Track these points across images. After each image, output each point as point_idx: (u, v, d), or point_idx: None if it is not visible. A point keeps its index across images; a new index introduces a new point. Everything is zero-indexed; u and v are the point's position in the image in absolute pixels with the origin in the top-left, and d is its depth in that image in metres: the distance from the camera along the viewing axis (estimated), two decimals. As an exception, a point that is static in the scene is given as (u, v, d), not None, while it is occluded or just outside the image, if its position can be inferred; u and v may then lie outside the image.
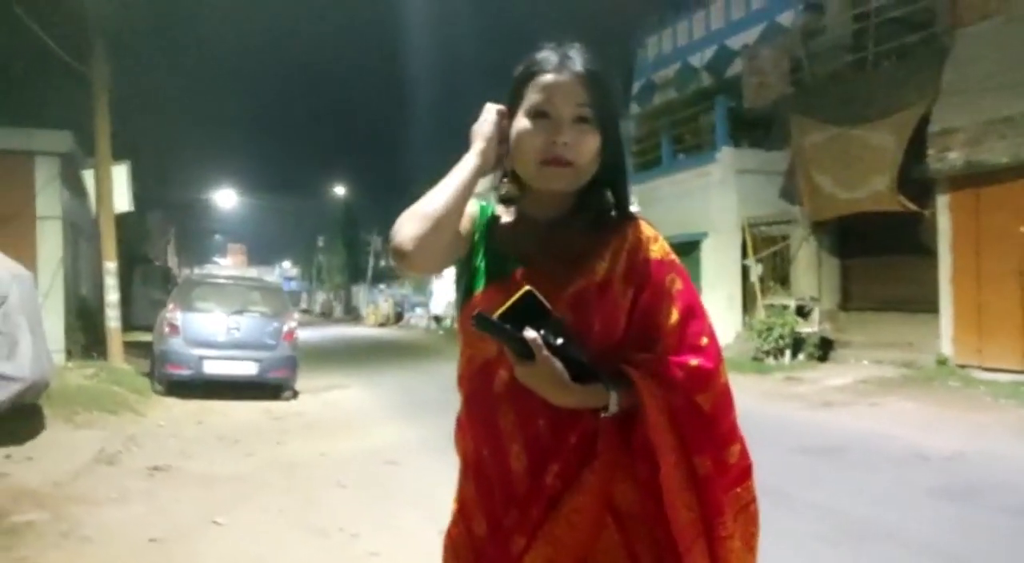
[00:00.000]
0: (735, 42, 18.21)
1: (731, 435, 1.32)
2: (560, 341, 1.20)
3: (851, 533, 4.25)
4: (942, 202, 11.00)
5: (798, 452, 6.25)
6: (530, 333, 1.17)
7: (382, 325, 37.20)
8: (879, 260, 12.95)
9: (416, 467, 6.15)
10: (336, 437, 7.56)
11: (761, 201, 14.31)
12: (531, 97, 1.30)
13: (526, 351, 1.18)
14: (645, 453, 1.26)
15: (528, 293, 1.19)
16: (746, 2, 18.46)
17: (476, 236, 1.39)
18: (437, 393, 11.00)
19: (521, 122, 1.30)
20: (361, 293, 49.29)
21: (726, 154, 14.80)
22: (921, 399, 8.86)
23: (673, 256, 1.38)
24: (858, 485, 5.34)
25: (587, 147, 1.29)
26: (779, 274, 14.21)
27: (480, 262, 1.36)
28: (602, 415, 1.25)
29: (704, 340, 1.31)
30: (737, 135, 15.66)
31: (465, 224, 1.36)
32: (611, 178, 1.37)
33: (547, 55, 1.32)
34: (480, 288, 1.34)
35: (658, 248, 1.36)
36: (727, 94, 15.89)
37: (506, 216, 1.42)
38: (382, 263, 52.35)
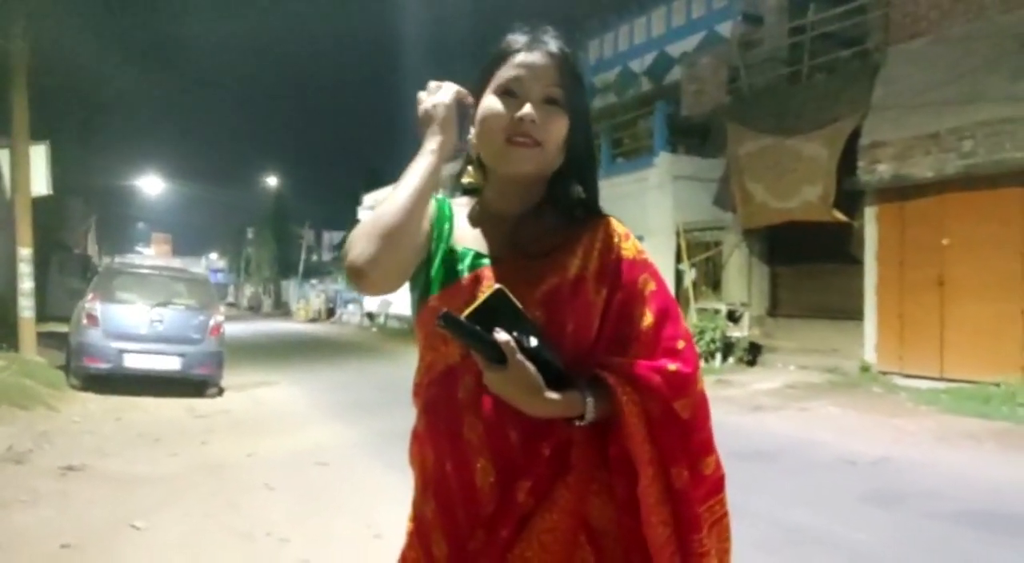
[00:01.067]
0: (675, 49, 18.51)
1: (708, 444, 1.26)
2: (534, 343, 1.10)
3: (788, 540, 4.29)
4: (870, 213, 11.35)
5: (732, 457, 6.26)
6: (502, 335, 1.08)
7: (313, 321, 36.55)
8: (807, 268, 13.30)
9: (348, 469, 5.98)
10: (264, 437, 7.31)
11: (696, 207, 14.54)
12: (500, 75, 1.23)
13: (497, 355, 1.08)
14: (621, 465, 1.18)
15: (499, 291, 1.10)
16: (687, 10, 18.78)
17: (435, 234, 1.27)
18: (370, 392, 10.80)
19: (488, 100, 1.23)
20: (291, 287, 48.38)
21: (663, 160, 14.99)
22: (846, 404, 9.10)
23: (645, 255, 1.30)
24: (792, 490, 5.41)
25: (555, 129, 1.22)
26: (711, 279, 14.46)
27: (440, 260, 1.25)
28: (577, 424, 1.16)
29: (681, 344, 1.24)
30: (674, 141, 15.90)
31: (423, 224, 1.24)
32: (579, 168, 1.29)
33: (519, 35, 1.26)
34: (440, 287, 1.23)
35: (630, 246, 1.28)
36: (666, 100, 16.11)
37: (467, 209, 1.33)
38: (314, 257, 51.49)
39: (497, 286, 1.11)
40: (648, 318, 1.23)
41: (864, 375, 10.85)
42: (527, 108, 1.20)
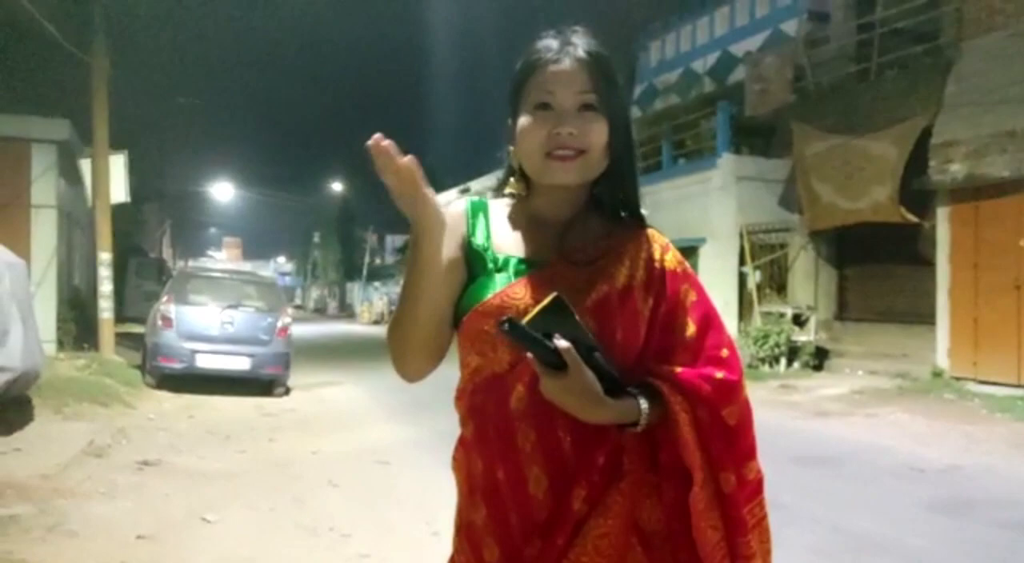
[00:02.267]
0: (738, 49, 18.19)
1: (752, 450, 1.27)
2: (591, 351, 1.11)
3: (848, 546, 4.21)
4: (942, 214, 10.98)
5: (794, 462, 6.20)
6: (562, 342, 1.07)
7: (376, 323, 37.10)
8: (876, 270, 12.94)
9: (408, 467, 6.09)
10: (328, 435, 7.49)
11: (760, 208, 14.28)
12: (533, 90, 1.22)
13: (557, 361, 1.08)
14: (670, 471, 1.20)
15: (558, 298, 1.09)
16: (750, 9, 18.46)
17: (473, 240, 1.26)
18: (429, 392, 10.89)
19: (523, 119, 1.22)
20: (356, 290, 49.18)
21: (727, 160, 14.77)
22: (916, 411, 8.83)
23: (686, 265, 1.31)
24: (854, 497, 5.30)
25: (595, 135, 1.20)
26: (776, 282, 14.18)
27: (482, 264, 1.24)
28: (631, 430, 1.17)
29: (725, 352, 1.25)
30: (738, 142, 15.63)
31: (455, 228, 1.24)
32: (621, 171, 1.27)
33: (547, 43, 1.24)
34: (489, 291, 1.21)
35: (671, 258, 1.29)
36: (729, 100, 15.86)
37: (508, 213, 1.31)
38: (377, 260, 52.27)
39: (555, 293, 1.10)
40: (691, 328, 1.24)
41: (936, 381, 10.50)
42: (566, 124, 1.18)
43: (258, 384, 10.06)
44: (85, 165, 11.65)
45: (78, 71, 11.23)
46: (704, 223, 14.34)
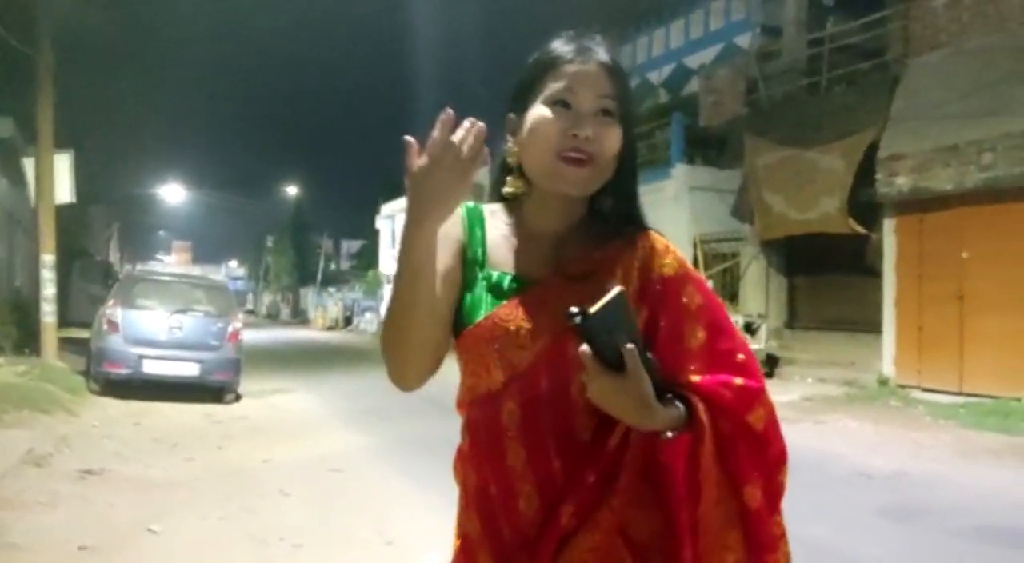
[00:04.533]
0: (693, 61, 18.50)
1: (784, 455, 1.21)
2: (647, 353, 1.04)
3: (800, 554, 4.24)
4: (888, 225, 11.29)
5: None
6: (628, 343, 1.01)
7: (330, 329, 36.73)
8: (825, 280, 13.24)
9: (362, 476, 6.02)
10: (280, 443, 7.36)
11: (712, 218, 14.51)
12: (551, 86, 1.17)
13: (617, 362, 1.02)
14: (673, 486, 1.12)
15: (621, 295, 1.02)
16: (705, 22, 18.79)
17: (469, 250, 1.23)
18: (384, 400, 10.82)
19: (539, 109, 1.16)
20: (310, 296, 48.63)
21: (680, 171, 14.99)
22: (864, 418, 9.03)
23: (688, 267, 1.24)
24: (805, 504, 5.34)
25: (610, 142, 1.16)
26: (728, 291, 14.40)
27: (476, 287, 1.20)
28: (667, 436, 1.10)
29: (741, 356, 1.19)
30: (691, 152, 15.89)
31: (452, 232, 1.21)
32: (625, 181, 1.23)
33: (567, 43, 1.20)
34: (482, 314, 1.18)
35: (671, 261, 1.22)
36: (683, 111, 16.11)
37: (502, 223, 1.25)
38: (332, 266, 51.76)
39: (619, 288, 1.03)
40: (700, 334, 1.18)
41: (882, 389, 10.76)
42: (584, 125, 1.14)
43: (207, 391, 9.84)
44: (28, 164, 11.31)
45: (22, 67, 10.90)
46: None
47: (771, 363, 12.91)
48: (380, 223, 40.76)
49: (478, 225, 1.25)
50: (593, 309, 1.00)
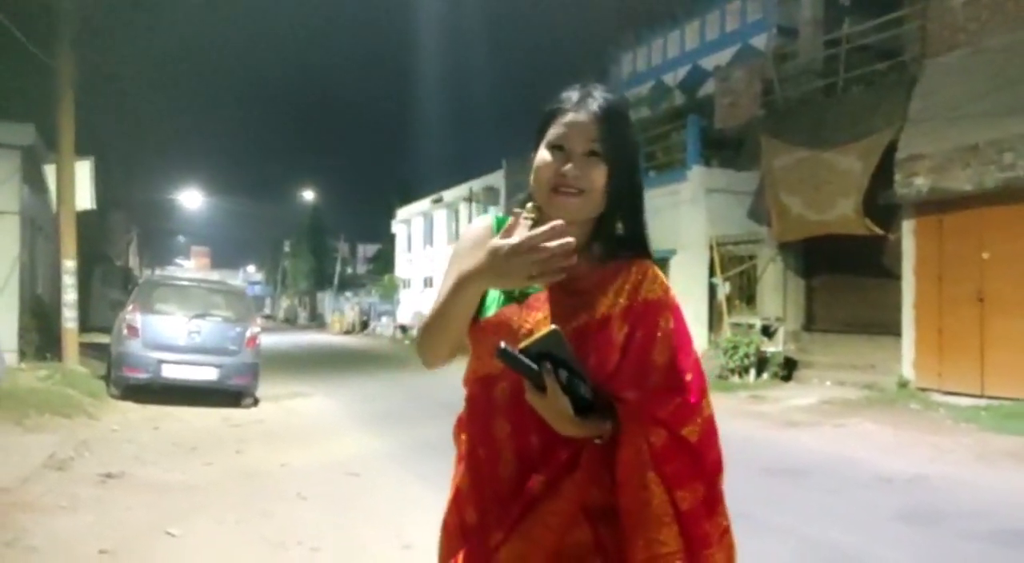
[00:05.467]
0: (708, 62, 18.44)
1: (720, 463, 1.40)
2: (568, 379, 1.29)
3: (817, 557, 4.24)
4: (907, 227, 11.18)
5: (763, 473, 6.25)
6: (544, 372, 1.27)
7: (347, 333, 36.87)
8: (843, 282, 13.14)
9: (379, 480, 6.04)
10: (297, 447, 7.41)
11: (729, 220, 14.44)
12: (551, 132, 1.42)
13: (540, 383, 1.28)
14: (621, 480, 1.36)
15: (554, 332, 1.28)
16: (720, 24, 18.72)
17: None
18: (402, 404, 10.88)
19: (541, 153, 1.42)
20: (327, 300, 48.84)
21: (696, 173, 14.93)
22: (883, 421, 8.95)
23: (671, 295, 1.46)
24: (823, 507, 5.34)
25: (595, 177, 1.38)
26: (745, 293, 14.33)
27: (493, 291, 1.44)
28: (596, 442, 1.35)
29: (688, 376, 1.39)
30: (708, 154, 15.82)
31: (483, 241, 1.43)
32: (624, 209, 1.46)
33: (570, 94, 1.45)
34: (492, 311, 1.43)
35: (656, 288, 1.44)
36: (699, 113, 16.05)
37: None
38: (348, 270, 51.96)
39: (553, 328, 1.29)
40: (664, 354, 1.39)
41: (902, 391, 10.66)
42: (568, 165, 1.38)
43: (226, 395, 9.91)
44: (50, 171, 11.44)
45: (44, 76, 11.04)
46: (674, 235, 14.46)
47: (789, 366, 12.83)
48: (396, 227, 40.90)
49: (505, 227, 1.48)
50: (527, 341, 1.27)
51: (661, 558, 1.32)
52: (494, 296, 1.43)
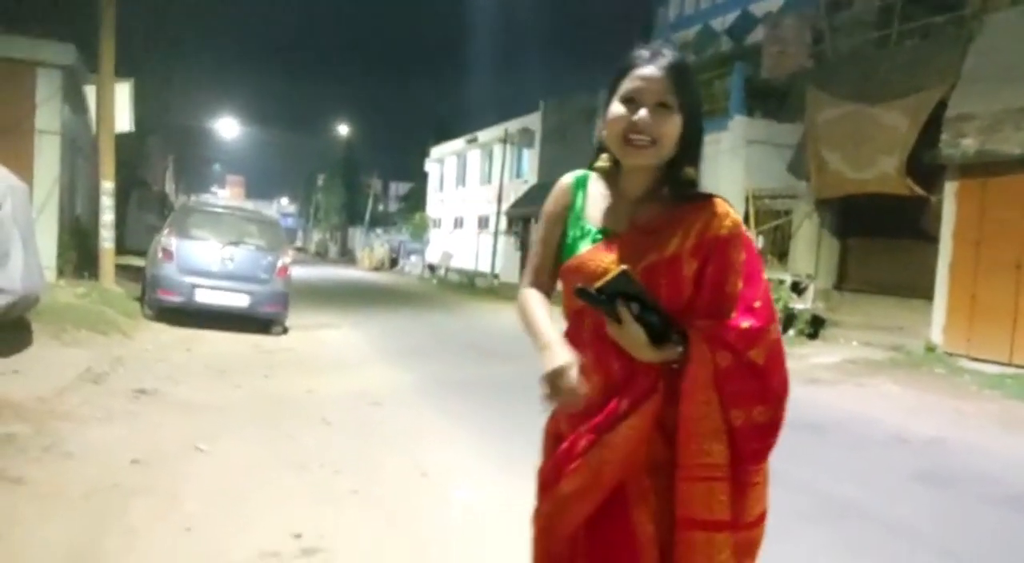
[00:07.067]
0: (758, 8, 17.90)
1: (785, 385, 1.57)
2: (640, 310, 1.48)
3: (831, 511, 4.28)
4: (950, 189, 10.92)
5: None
6: (620, 306, 1.47)
7: (376, 269, 37.18)
8: (879, 242, 12.92)
9: (400, 410, 6.17)
10: (324, 375, 7.56)
11: (768, 173, 14.19)
12: (624, 86, 1.58)
13: (616, 316, 1.48)
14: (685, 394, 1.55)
15: (624, 271, 1.46)
16: (773, -32, 18.09)
17: (572, 208, 1.69)
18: (426, 341, 11.03)
19: (614, 106, 1.58)
20: (357, 235, 49.16)
21: (738, 123, 14.63)
22: (906, 383, 8.91)
23: (741, 229, 1.60)
24: (840, 464, 5.37)
25: (666, 128, 1.55)
26: (778, 248, 14.17)
27: (575, 231, 1.66)
28: (673, 367, 1.53)
29: (757, 303, 1.55)
30: (751, 104, 15.46)
31: (562, 198, 1.71)
32: (692, 156, 1.61)
33: (641, 52, 1.60)
34: (576, 253, 1.64)
35: (728, 224, 1.58)
36: (745, 61, 15.64)
37: (601, 188, 1.69)
38: (380, 207, 52.09)
39: (622, 268, 1.47)
40: (735, 285, 1.55)
41: (928, 355, 10.57)
42: (641, 113, 1.54)
43: (256, 322, 10.11)
44: (90, 92, 11.52)
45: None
46: (711, 185, 13.80)
47: (816, 324, 12.74)
48: (429, 166, 40.76)
49: (581, 189, 1.71)
50: (601, 282, 1.46)
51: (705, 467, 1.50)
52: (576, 242, 1.64)
